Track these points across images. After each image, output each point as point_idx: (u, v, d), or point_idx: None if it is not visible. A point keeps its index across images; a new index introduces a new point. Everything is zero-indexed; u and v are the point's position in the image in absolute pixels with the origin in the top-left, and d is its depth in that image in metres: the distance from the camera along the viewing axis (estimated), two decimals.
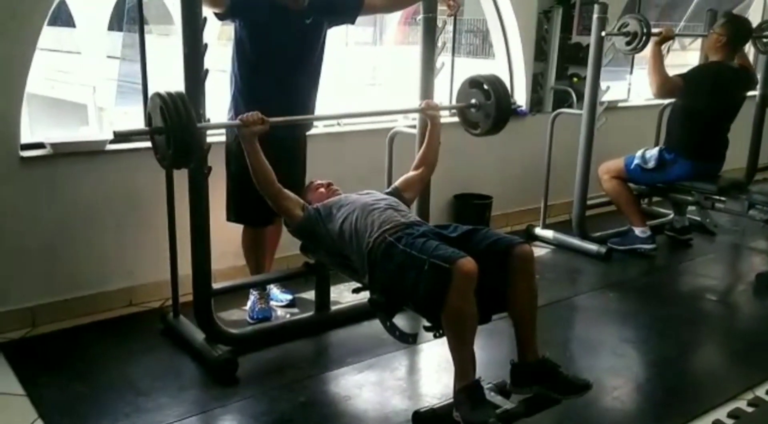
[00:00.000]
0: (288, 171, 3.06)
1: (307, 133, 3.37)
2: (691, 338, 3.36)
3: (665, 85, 4.02)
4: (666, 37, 4.05)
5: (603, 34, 4.03)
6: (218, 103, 3.12)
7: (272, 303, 3.37)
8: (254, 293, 3.31)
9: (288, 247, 3.46)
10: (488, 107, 3.03)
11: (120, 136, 2.33)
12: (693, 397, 2.81)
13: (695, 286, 4.02)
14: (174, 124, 2.31)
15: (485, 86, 3.03)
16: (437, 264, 2.18)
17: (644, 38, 4.05)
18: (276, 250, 3.46)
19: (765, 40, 4.58)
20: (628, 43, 4.12)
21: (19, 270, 3.10)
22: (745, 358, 3.16)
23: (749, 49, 4.61)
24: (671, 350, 3.18)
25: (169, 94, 2.35)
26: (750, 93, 4.40)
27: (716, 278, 4.21)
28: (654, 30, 4.08)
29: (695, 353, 3.30)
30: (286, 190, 2.80)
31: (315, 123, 3.36)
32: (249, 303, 3.31)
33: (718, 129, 4.22)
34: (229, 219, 3.21)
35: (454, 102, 4.51)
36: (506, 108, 3.04)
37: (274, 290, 3.45)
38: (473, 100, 3.08)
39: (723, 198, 4.11)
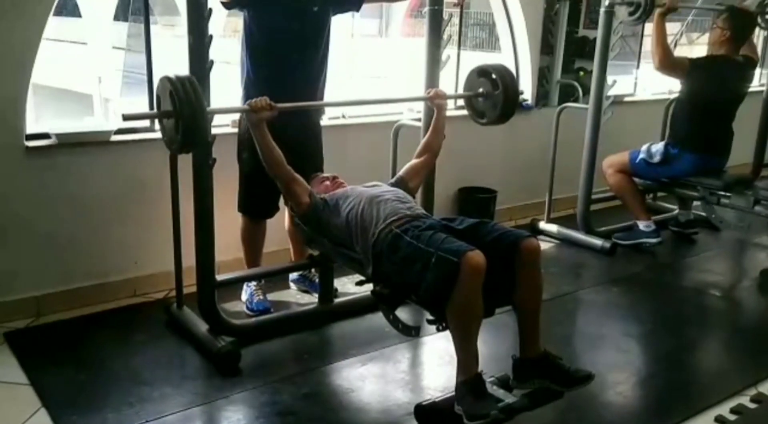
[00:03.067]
0: (301, 158, 3.07)
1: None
2: (695, 334, 3.36)
3: (668, 58, 4.00)
4: (670, 8, 4.01)
5: (606, 2, 4.00)
6: (223, 94, 3.12)
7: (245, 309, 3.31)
8: (251, 285, 3.31)
9: (281, 242, 3.48)
10: (496, 97, 3.02)
11: (129, 119, 2.33)
12: (696, 392, 2.81)
13: (699, 281, 4.01)
14: (183, 107, 2.30)
15: (493, 76, 3.01)
16: (445, 257, 2.18)
17: (648, 8, 4.00)
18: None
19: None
20: (631, 13, 4.08)
21: (24, 260, 3.11)
22: (749, 354, 3.16)
23: (758, 35, 4.56)
24: (675, 346, 3.17)
25: (179, 78, 2.35)
26: (755, 88, 4.38)
27: (721, 273, 4.21)
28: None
29: (698, 349, 3.30)
30: (297, 175, 2.80)
31: (322, 113, 3.35)
32: (245, 295, 3.32)
33: (722, 122, 4.21)
34: (238, 209, 3.22)
35: (459, 102, 4.54)
36: (514, 98, 3.03)
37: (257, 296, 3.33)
38: (481, 90, 3.07)
39: (728, 194, 4.09)
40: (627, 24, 4.16)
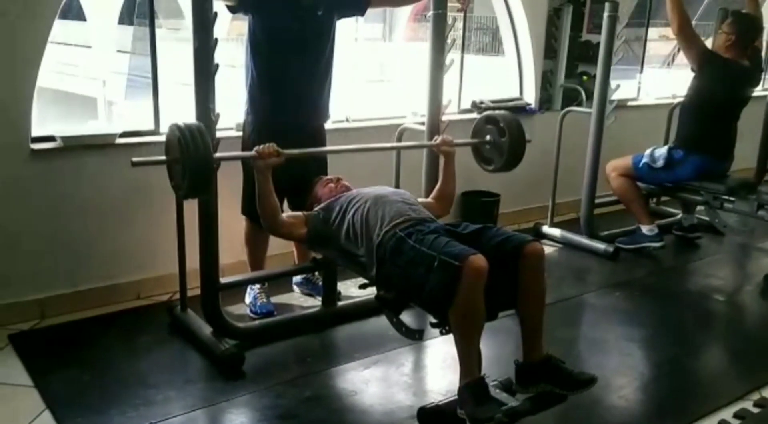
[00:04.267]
0: (306, 162, 3.08)
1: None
2: (698, 338, 3.36)
3: (687, 23, 4.02)
4: None
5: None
6: (228, 98, 3.13)
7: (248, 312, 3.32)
8: (254, 288, 3.32)
9: (284, 245, 3.48)
10: (503, 144, 3.05)
11: (138, 165, 2.43)
12: (699, 397, 2.81)
13: (703, 286, 4.00)
14: (191, 156, 2.36)
15: (501, 123, 3.05)
16: (447, 261, 2.18)
17: None
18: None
19: None
20: None
21: (28, 262, 3.12)
22: (752, 358, 3.15)
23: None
24: (678, 350, 3.17)
25: (188, 126, 2.39)
26: (759, 93, 4.38)
27: (724, 278, 4.20)
28: None
29: (702, 353, 3.29)
30: (285, 218, 2.79)
31: (327, 117, 3.35)
32: (248, 298, 3.33)
33: (727, 126, 4.21)
34: (242, 212, 3.23)
35: (463, 104, 4.54)
36: (520, 146, 3.07)
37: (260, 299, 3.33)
38: (488, 137, 3.10)
39: (732, 198, 4.09)
40: None
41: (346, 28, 3.36)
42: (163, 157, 2.51)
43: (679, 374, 2.97)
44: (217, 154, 2.52)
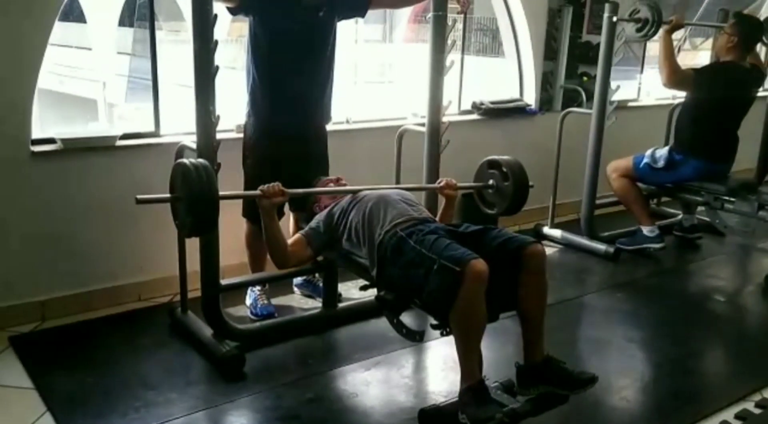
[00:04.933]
0: (307, 163, 3.08)
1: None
2: (699, 339, 3.36)
3: (675, 74, 4.01)
4: (677, 25, 4.03)
5: (614, 19, 4.01)
6: (228, 99, 3.13)
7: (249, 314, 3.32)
8: (254, 289, 3.32)
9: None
10: (506, 189, 3.05)
11: (143, 202, 2.44)
12: (700, 398, 2.81)
13: (704, 286, 4.01)
14: (195, 195, 2.36)
15: (504, 168, 3.05)
16: (447, 266, 2.18)
17: (655, 25, 4.02)
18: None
19: None
20: (638, 30, 4.10)
21: (29, 264, 3.12)
22: (754, 359, 3.15)
23: (761, 48, 4.57)
24: (679, 351, 3.17)
25: (193, 165, 2.39)
26: (760, 93, 4.38)
27: (725, 278, 4.20)
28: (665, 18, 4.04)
29: (703, 354, 3.29)
30: (290, 248, 2.73)
31: (329, 119, 3.35)
32: (249, 300, 3.33)
33: (728, 128, 4.21)
34: (242, 214, 3.23)
35: (464, 105, 4.54)
36: (523, 190, 3.05)
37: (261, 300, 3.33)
38: (491, 182, 3.10)
39: (733, 199, 4.09)
40: (634, 41, 4.16)
41: (346, 30, 3.36)
42: (168, 195, 2.51)
43: (681, 375, 2.96)
44: (222, 193, 2.49)
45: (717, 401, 2.72)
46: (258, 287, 3.31)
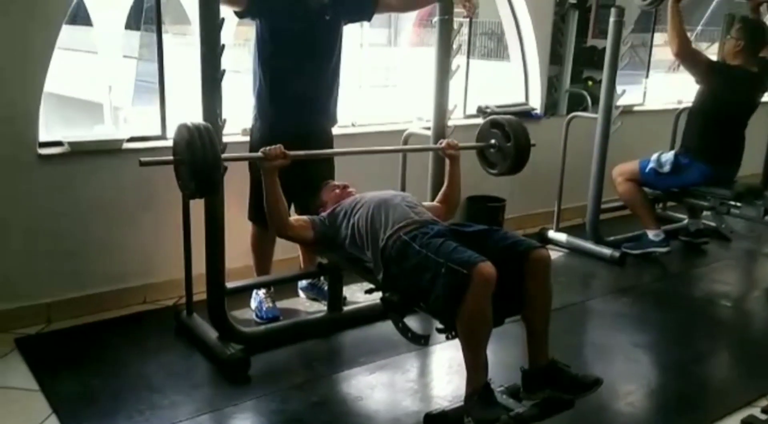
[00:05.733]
0: (313, 167, 3.09)
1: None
2: (705, 344, 3.34)
3: (686, 45, 4.02)
4: None
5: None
6: (234, 102, 3.13)
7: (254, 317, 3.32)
8: (259, 293, 3.32)
9: (290, 250, 3.49)
10: (507, 149, 3.06)
11: (146, 165, 2.42)
12: (706, 403, 2.80)
13: (709, 291, 3.99)
14: (198, 156, 2.36)
15: (506, 128, 3.05)
16: (455, 269, 2.17)
17: None
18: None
19: None
20: None
21: (35, 266, 3.13)
22: (759, 364, 3.14)
23: None
24: (685, 356, 3.16)
25: (196, 127, 2.39)
26: (766, 99, 4.37)
27: (731, 283, 4.19)
28: None
29: (709, 359, 3.28)
30: (293, 220, 2.79)
31: (334, 123, 3.36)
32: (254, 303, 3.33)
33: (735, 132, 4.20)
34: (249, 217, 3.24)
35: (469, 109, 4.54)
36: (524, 150, 3.07)
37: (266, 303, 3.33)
38: (493, 141, 3.11)
39: (738, 203, 4.08)
40: (641, 8, 4.13)
41: (351, 34, 3.37)
42: (171, 157, 2.50)
43: (686, 380, 2.95)
44: (224, 155, 2.52)
45: (723, 407, 2.71)
46: (263, 290, 3.32)
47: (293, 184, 2.85)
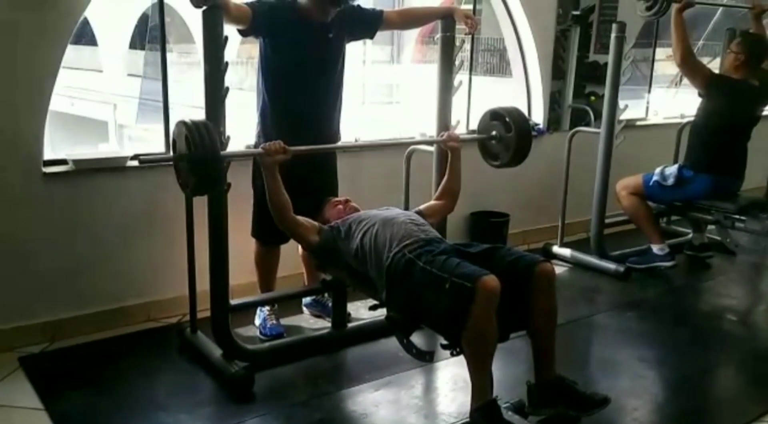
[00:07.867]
0: (316, 182, 3.10)
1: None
2: (711, 359, 3.32)
3: (689, 55, 4.03)
4: (686, 4, 4.02)
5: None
6: (238, 120, 3.15)
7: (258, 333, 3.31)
8: (264, 309, 3.32)
9: (294, 267, 3.49)
10: (509, 139, 3.06)
11: (144, 162, 2.40)
12: (712, 418, 2.78)
13: (715, 306, 3.98)
14: (198, 152, 2.35)
15: (507, 118, 3.05)
16: (459, 283, 2.17)
17: (665, 3, 4.02)
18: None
19: None
20: (648, 8, 4.10)
21: (39, 284, 3.13)
22: (766, 379, 3.11)
23: None
24: (690, 371, 3.14)
25: (195, 123, 2.39)
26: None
27: (736, 297, 4.17)
28: None
29: (715, 374, 3.26)
30: (300, 218, 2.80)
31: (338, 138, 3.37)
32: (258, 320, 3.33)
33: (738, 145, 4.20)
34: (252, 234, 3.24)
35: (472, 125, 4.56)
36: (526, 141, 3.06)
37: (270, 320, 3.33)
38: (494, 132, 3.11)
39: (743, 217, 4.07)
40: (644, 19, 4.13)
41: (355, 51, 3.39)
42: (170, 155, 2.50)
43: (693, 396, 2.93)
44: (225, 152, 2.51)
45: (729, 422, 2.69)
46: (267, 307, 3.31)
47: (297, 200, 2.85)
